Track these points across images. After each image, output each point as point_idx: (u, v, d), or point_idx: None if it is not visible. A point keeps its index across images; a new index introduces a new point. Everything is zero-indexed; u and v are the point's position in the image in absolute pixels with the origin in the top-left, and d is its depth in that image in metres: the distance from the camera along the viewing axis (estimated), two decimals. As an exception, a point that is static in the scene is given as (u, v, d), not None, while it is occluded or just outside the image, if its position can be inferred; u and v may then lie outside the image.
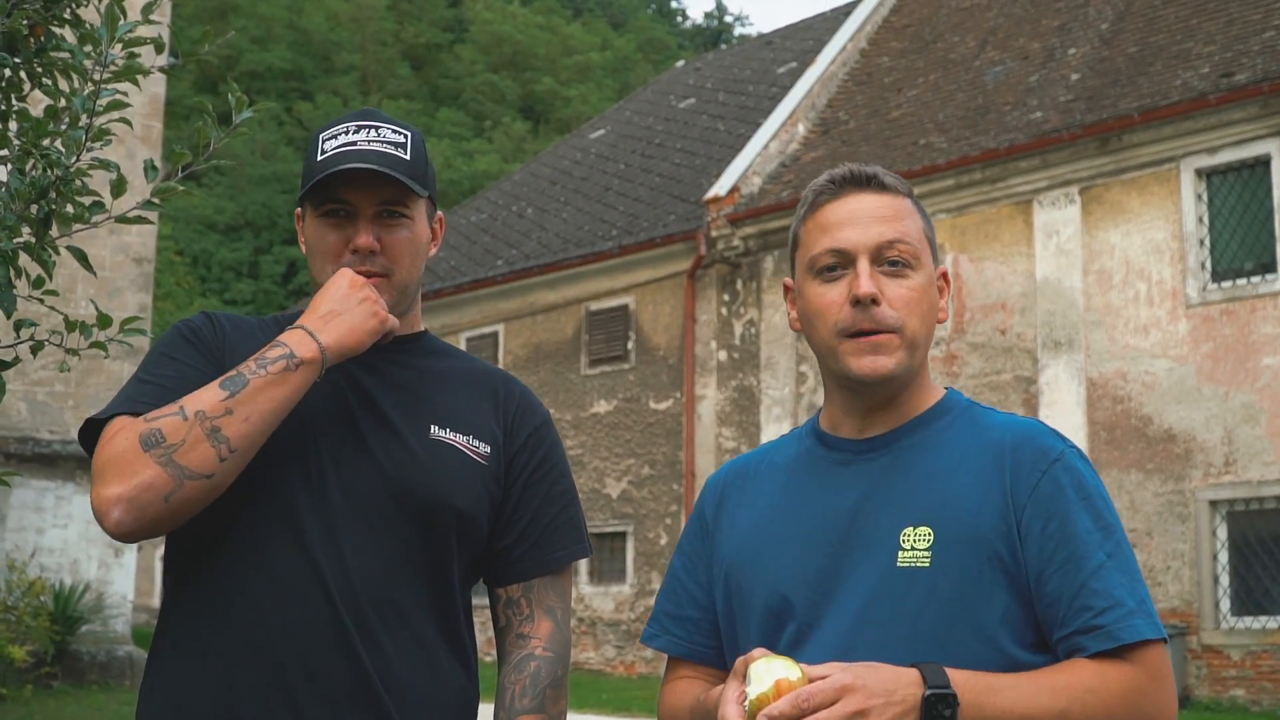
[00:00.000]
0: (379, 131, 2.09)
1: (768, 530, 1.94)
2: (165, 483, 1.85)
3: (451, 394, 2.13)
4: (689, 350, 19.75)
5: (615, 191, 23.53)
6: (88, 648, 14.52)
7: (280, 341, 1.96)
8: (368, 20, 58.03)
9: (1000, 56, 19.17)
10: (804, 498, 1.93)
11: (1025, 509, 1.78)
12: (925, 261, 1.88)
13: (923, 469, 1.86)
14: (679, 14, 77.52)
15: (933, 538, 1.78)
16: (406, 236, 2.10)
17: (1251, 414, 14.35)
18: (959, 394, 1.99)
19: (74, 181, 2.58)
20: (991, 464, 1.82)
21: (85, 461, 14.86)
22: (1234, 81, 14.84)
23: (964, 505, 1.80)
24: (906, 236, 1.86)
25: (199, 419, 1.88)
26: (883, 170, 1.92)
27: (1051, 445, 1.83)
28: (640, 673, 19.64)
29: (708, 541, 2.03)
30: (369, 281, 2.04)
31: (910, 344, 1.85)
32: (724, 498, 2.05)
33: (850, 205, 1.88)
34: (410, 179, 2.07)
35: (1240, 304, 14.62)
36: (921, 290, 1.87)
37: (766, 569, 1.90)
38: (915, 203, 1.94)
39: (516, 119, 57.78)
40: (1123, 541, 1.79)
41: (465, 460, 2.07)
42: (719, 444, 19.28)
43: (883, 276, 1.85)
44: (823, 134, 20.50)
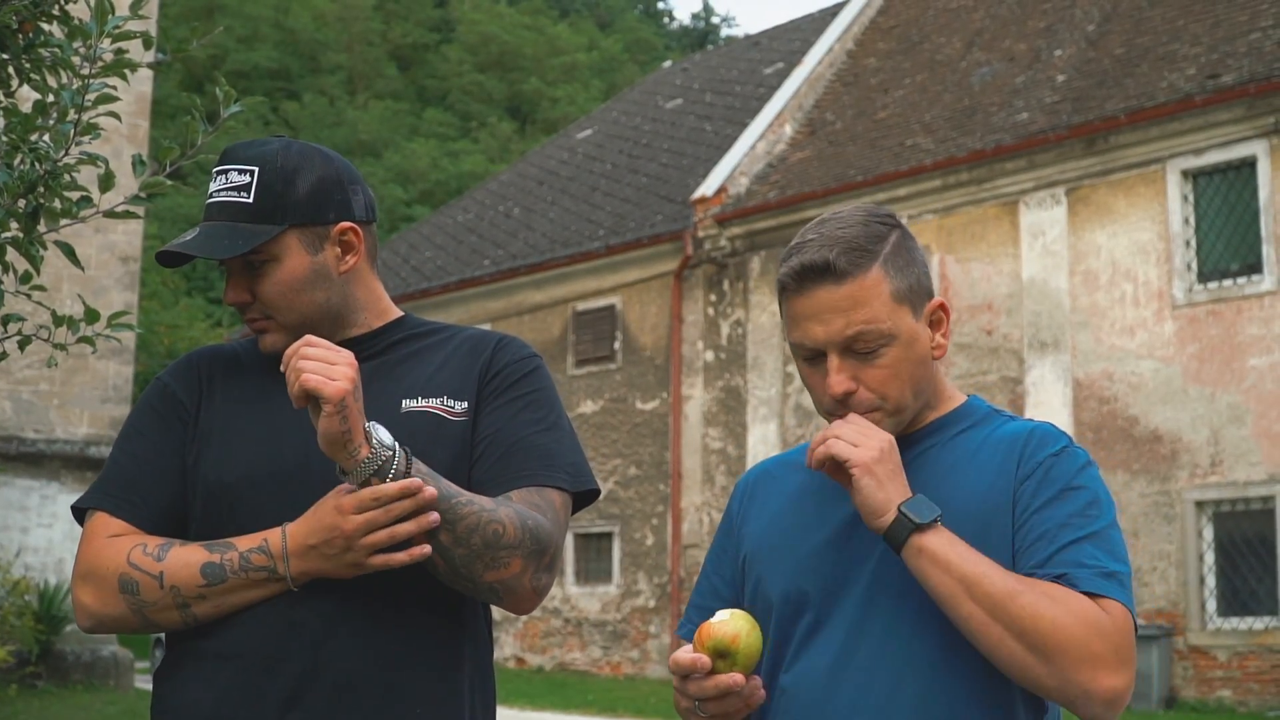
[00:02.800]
0: (227, 176, 2.09)
1: (787, 524, 2.00)
2: (132, 623, 2.00)
3: (423, 365, 2.12)
4: (676, 350, 19.75)
5: (602, 191, 23.52)
6: (72, 647, 14.47)
7: (267, 549, 1.95)
8: (354, 20, 57.91)
9: (987, 58, 19.20)
10: (824, 497, 1.97)
11: (1026, 480, 1.84)
12: (901, 326, 1.89)
13: (938, 468, 1.92)
14: (666, 15, 77.53)
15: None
16: (274, 280, 2.08)
17: (1237, 414, 14.39)
18: (980, 401, 2.03)
19: (62, 176, 2.56)
20: (1002, 459, 1.88)
21: (70, 461, 14.82)
22: (1220, 83, 14.88)
23: (974, 498, 1.85)
24: (870, 323, 1.86)
25: (173, 594, 1.96)
26: (843, 248, 1.88)
27: (1058, 438, 1.90)
28: (626, 673, 19.63)
29: (733, 537, 2.09)
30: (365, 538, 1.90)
31: (896, 410, 1.89)
32: (750, 495, 2.10)
33: (813, 300, 1.88)
34: (254, 223, 2.05)
35: (1226, 305, 14.66)
36: (900, 360, 1.89)
37: (785, 561, 1.96)
38: (886, 257, 1.90)
39: (503, 119, 57.70)
40: (1111, 529, 1.82)
41: (439, 421, 2.05)
42: (705, 444, 19.28)
43: (855, 362, 1.87)
44: (810, 134, 20.51)
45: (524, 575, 1.93)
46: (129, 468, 2.08)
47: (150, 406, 2.14)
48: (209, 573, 1.95)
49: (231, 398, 2.10)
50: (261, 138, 2.16)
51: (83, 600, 1.98)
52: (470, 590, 1.96)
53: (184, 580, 1.95)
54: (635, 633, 19.77)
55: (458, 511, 1.88)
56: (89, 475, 14.78)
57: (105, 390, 15.25)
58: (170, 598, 1.95)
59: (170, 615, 1.96)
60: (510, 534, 1.90)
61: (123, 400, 15.32)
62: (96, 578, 1.97)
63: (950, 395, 2.02)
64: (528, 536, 1.92)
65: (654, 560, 19.70)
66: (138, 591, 1.95)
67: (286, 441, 2.02)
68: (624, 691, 17.22)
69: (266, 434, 2.04)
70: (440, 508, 1.86)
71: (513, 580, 1.92)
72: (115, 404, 15.25)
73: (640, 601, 19.76)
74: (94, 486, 2.10)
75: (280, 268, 2.07)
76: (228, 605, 1.95)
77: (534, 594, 1.98)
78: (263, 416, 2.06)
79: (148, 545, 1.99)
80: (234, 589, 1.95)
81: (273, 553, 1.94)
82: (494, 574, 1.91)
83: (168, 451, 2.07)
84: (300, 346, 1.84)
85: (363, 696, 1.94)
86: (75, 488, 14.70)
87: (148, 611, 1.95)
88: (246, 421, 2.06)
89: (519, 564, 1.92)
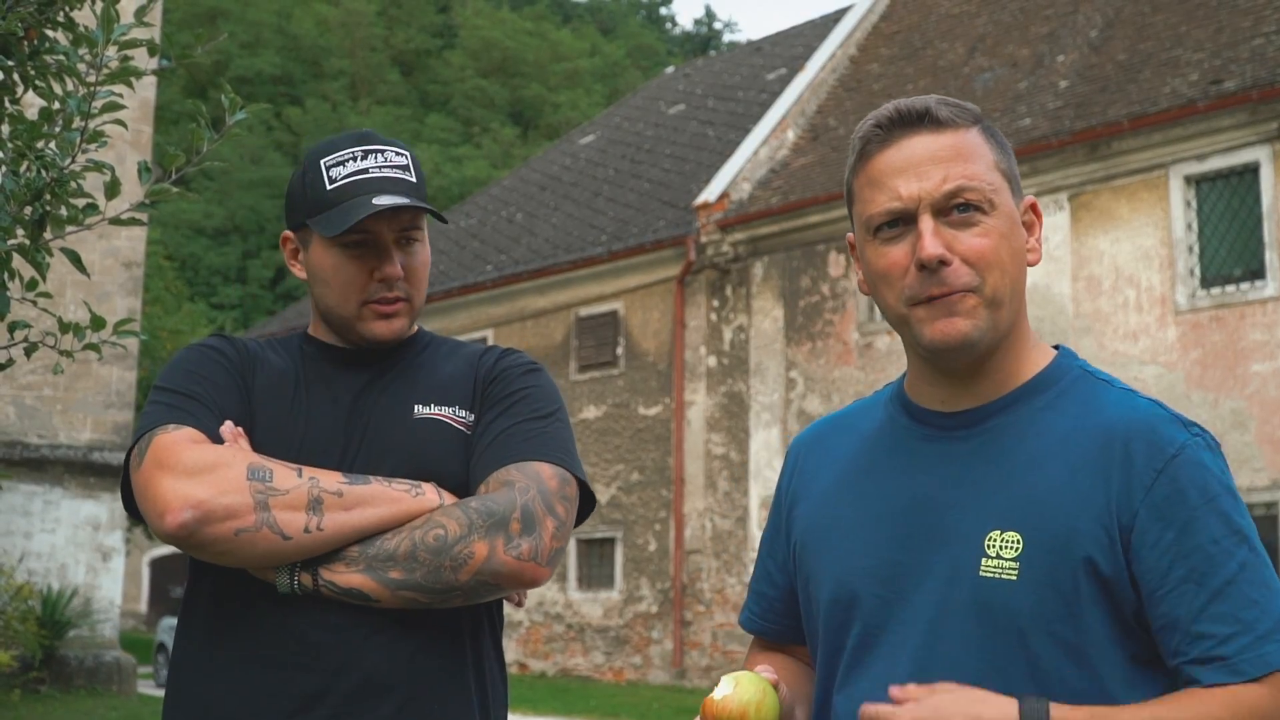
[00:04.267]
0: (385, 155, 2.11)
1: (837, 508, 1.76)
2: (248, 518, 1.86)
3: (436, 375, 2.15)
4: (678, 356, 19.75)
5: (605, 197, 23.53)
6: (75, 652, 14.47)
7: (416, 484, 1.97)
8: (357, 26, 58.00)
9: (989, 63, 19.20)
10: (880, 475, 1.73)
11: (1138, 515, 1.56)
12: (1003, 200, 1.64)
13: (1017, 458, 1.63)
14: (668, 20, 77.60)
15: (1021, 546, 1.58)
16: (423, 259, 2.14)
17: (1240, 420, 14.38)
18: (1072, 356, 1.74)
19: (69, 183, 2.57)
20: (1097, 456, 1.59)
21: (74, 466, 14.83)
22: (1223, 89, 14.88)
23: (1059, 508, 1.58)
24: (974, 179, 1.62)
25: (311, 485, 1.89)
26: (938, 100, 1.68)
27: (1171, 436, 1.60)
28: (629, 679, 19.62)
29: (781, 516, 1.87)
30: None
31: (992, 301, 1.61)
32: (798, 468, 1.86)
33: (904, 151, 1.64)
34: (422, 201, 2.10)
35: (1229, 310, 14.65)
36: (1001, 237, 1.62)
37: (833, 555, 1.73)
38: (985, 129, 1.69)
39: (505, 124, 57.78)
40: (1257, 547, 1.57)
41: (451, 431, 2.07)
42: (708, 450, 19.28)
43: (950, 230, 1.61)
44: (812, 140, 20.52)
45: (495, 553, 1.89)
46: (199, 403, 2.00)
47: (214, 361, 2.08)
48: (350, 476, 1.94)
49: (267, 385, 2.10)
50: (355, 130, 2.20)
51: (188, 491, 1.84)
52: (465, 598, 1.93)
53: (324, 475, 1.91)
54: (638, 638, 19.76)
55: (386, 549, 1.89)
56: (92, 480, 14.80)
57: (109, 395, 15.26)
58: (307, 489, 1.87)
59: (294, 517, 1.86)
60: (454, 528, 1.90)
61: (126, 405, 15.33)
62: (214, 466, 1.87)
63: (1038, 347, 1.72)
64: (476, 517, 1.90)
65: (656, 566, 19.69)
66: (270, 479, 1.87)
67: (313, 435, 2.04)
68: (626, 697, 17.21)
69: (296, 424, 2.05)
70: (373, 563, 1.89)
71: (488, 565, 1.89)
72: (119, 409, 15.26)
73: (643, 607, 19.74)
74: (158, 414, 1.98)
75: (424, 248, 2.14)
76: (355, 521, 1.89)
77: (520, 563, 1.90)
78: (293, 405, 2.08)
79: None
80: (373, 498, 1.90)
81: (420, 484, 1.96)
82: (466, 570, 1.89)
83: (232, 399, 2.04)
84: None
85: (381, 701, 1.94)
86: (78, 493, 14.72)
87: (273, 502, 1.85)
88: (279, 408, 2.07)
89: (482, 547, 1.89)
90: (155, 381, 2.07)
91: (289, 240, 2.19)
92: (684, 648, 19.01)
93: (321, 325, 2.19)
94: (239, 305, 49.60)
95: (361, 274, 2.08)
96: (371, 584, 1.89)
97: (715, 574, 18.81)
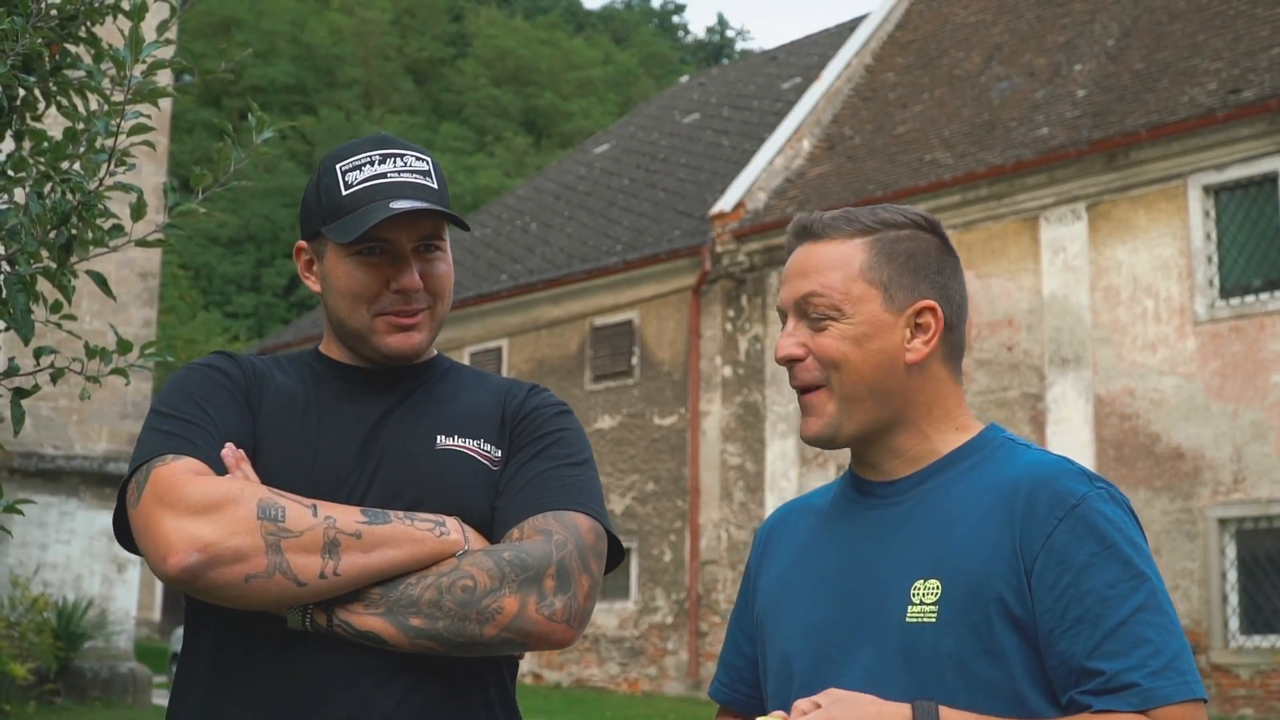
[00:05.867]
0: (404, 160, 2.00)
1: (790, 579, 1.88)
2: (259, 563, 1.75)
3: (459, 404, 2.04)
4: (694, 366, 19.70)
5: (620, 206, 23.51)
6: (90, 664, 14.45)
7: (441, 520, 1.87)
8: (370, 35, 58.11)
9: (1006, 72, 19.14)
10: (826, 544, 1.86)
11: (1036, 560, 1.66)
12: (861, 307, 1.78)
13: (938, 515, 1.76)
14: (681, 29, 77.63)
15: (940, 591, 1.69)
16: (444, 270, 2.03)
17: (1260, 431, 14.29)
18: (999, 430, 1.86)
19: (96, 206, 2.53)
20: (1005, 506, 1.70)
21: (89, 477, 14.82)
22: (1242, 98, 14.80)
23: (972, 555, 1.69)
24: (824, 288, 1.78)
25: (327, 525, 1.79)
26: (837, 214, 1.84)
27: (1070, 489, 1.69)
28: (644, 690, 19.56)
29: (748, 592, 1.99)
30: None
31: (845, 397, 1.78)
32: (767, 545, 1.99)
33: (791, 259, 1.85)
34: (444, 208, 1.99)
35: (1249, 321, 14.57)
36: (849, 339, 1.77)
37: (782, 622, 1.85)
38: (875, 241, 1.81)
39: (518, 133, 57.84)
40: (1158, 590, 1.65)
41: (475, 465, 1.97)
42: (724, 460, 19.22)
43: (808, 331, 1.79)
44: (828, 149, 20.48)
45: (525, 611, 1.79)
46: (203, 429, 1.89)
47: (217, 383, 1.97)
48: (370, 513, 1.82)
49: (275, 408, 1.99)
50: (373, 134, 2.09)
51: (194, 531, 1.72)
52: (486, 652, 1.84)
53: (341, 513, 1.80)
54: (653, 649, 19.70)
55: (409, 595, 1.79)
56: (108, 491, 14.79)
57: (124, 406, 15.25)
58: (322, 529, 1.76)
59: (309, 561, 1.75)
60: (483, 580, 1.79)
61: (141, 416, 15.32)
62: (221, 503, 1.75)
63: (965, 425, 1.84)
64: (508, 569, 1.80)
65: (672, 576, 19.64)
66: (282, 518, 1.76)
67: (324, 463, 1.93)
68: (641, 708, 17.15)
69: (306, 452, 1.94)
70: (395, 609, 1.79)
71: (516, 622, 1.79)
72: (134, 420, 15.25)
73: (658, 618, 19.69)
74: (154, 444, 1.86)
75: (445, 258, 2.04)
76: (374, 564, 1.79)
77: (551, 623, 1.81)
78: (303, 432, 1.97)
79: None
80: (394, 539, 1.80)
81: (445, 522, 1.86)
82: (493, 625, 1.79)
83: (236, 425, 1.92)
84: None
85: None
86: (94, 504, 14.71)
87: (287, 546, 1.74)
88: (287, 435, 1.96)
89: (513, 602, 1.79)
90: (152, 404, 1.97)
91: (303, 250, 2.08)
92: (699, 659, 18.95)
93: (335, 342, 2.07)
94: (253, 314, 49.68)
95: (376, 284, 1.97)
96: (390, 629, 1.79)
97: (731, 585, 18.75)
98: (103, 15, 3.14)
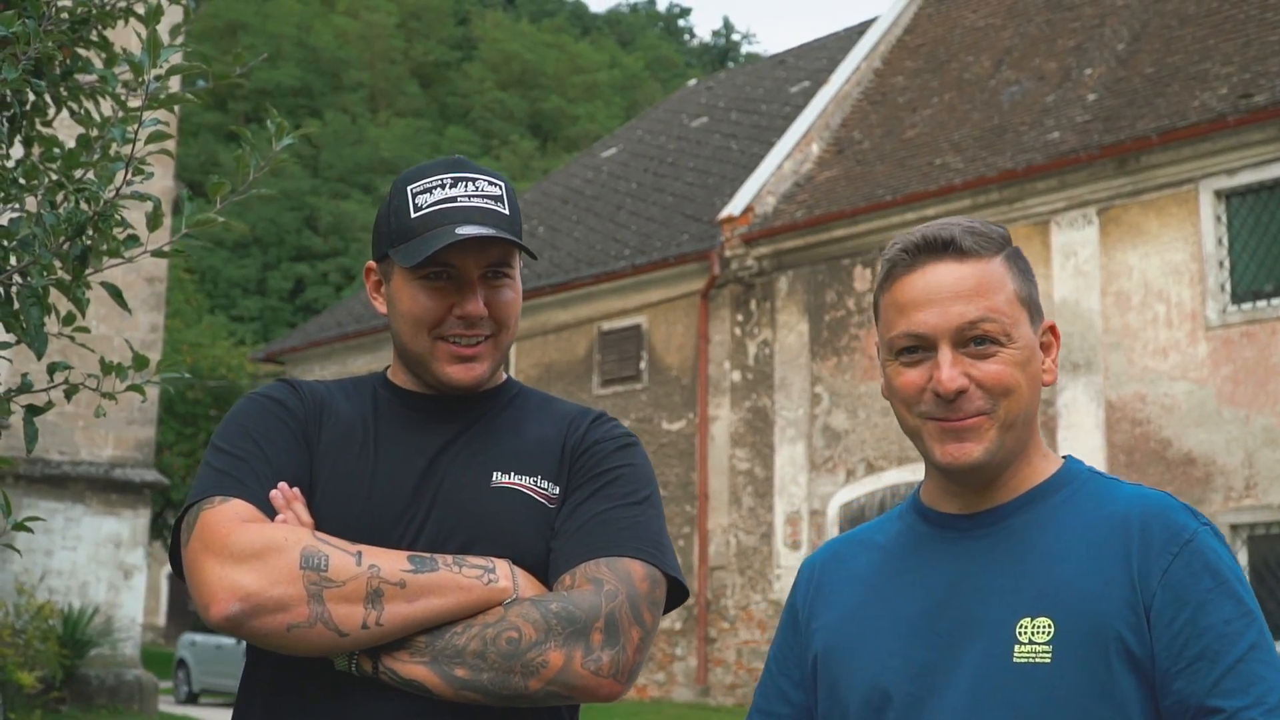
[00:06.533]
0: (476, 184, 1.98)
1: (864, 616, 1.79)
2: (301, 613, 1.74)
3: (519, 438, 1.99)
4: (702, 371, 19.63)
5: (628, 210, 23.44)
6: (97, 671, 14.39)
7: (490, 565, 1.83)
8: (376, 38, 58.12)
9: (1016, 76, 19.06)
10: (904, 580, 1.78)
11: (1155, 596, 1.61)
12: (1021, 332, 1.70)
13: (1039, 550, 1.68)
14: (687, 32, 77.66)
15: (1054, 630, 1.62)
16: (511, 298, 1.99)
17: (1272, 437, 14.20)
18: (1079, 463, 1.80)
19: (112, 217, 2.46)
20: (1116, 543, 1.65)
21: (95, 483, 14.75)
22: (1253, 103, 14.72)
23: (1086, 591, 1.63)
24: (993, 312, 1.67)
25: (371, 573, 1.76)
26: (965, 228, 1.72)
27: (1184, 524, 1.64)
28: (652, 696, 19.48)
29: (799, 633, 1.88)
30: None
31: (1005, 425, 1.69)
32: (818, 585, 1.89)
33: (927, 279, 1.69)
34: (514, 235, 1.96)
35: (1260, 326, 14.49)
36: (1017, 365, 1.68)
37: (863, 660, 1.76)
38: (1010, 256, 1.73)
39: (524, 137, 57.82)
40: (1264, 628, 1.63)
41: (531, 504, 1.92)
42: (732, 465, 19.15)
43: (968, 359, 1.68)
44: (837, 153, 20.40)
45: (571, 665, 1.76)
46: (259, 461, 1.88)
47: (268, 412, 1.95)
48: (417, 559, 1.79)
49: (334, 439, 1.96)
50: (448, 157, 2.07)
51: (237, 580, 1.72)
52: (532, 704, 1.80)
53: (386, 560, 1.77)
54: (661, 655, 19.62)
55: (455, 644, 1.76)
56: (114, 498, 14.73)
57: (130, 412, 15.18)
58: (366, 578, 1.74)
59: (351, 611, 1.73)
60: (529, 632, 1.76)
61: (148, 422, 15.26)
62: (264, 552, 1.74)
63: (1046, 454, 1.78)
64: (555, 621, 1.76)
65: (679, 582, 19.54)
66: (325, 567, 1.74)
67: (380, 499, 1.90)
68: (650, 715, 17.08)
69: (361, 488, 1.91)
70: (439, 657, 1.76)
71: (561, 676, 1.76)
72: (141, 425, 15.19)
73: (666, 624, 19.61)
74: (211, 483, 1.86)
75: (514, 285, 2.00)
76: (418, 614, 1.76)
77: (597, 678, 1.77)
78: (359, 466, 1.93)
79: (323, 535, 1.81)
80: (439, 587, 1.76)
81: (495, 567, 1.82)
82: (538, 680, 1.75)
83: (294, 464, 1.90)
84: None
85: None
86: (100, 510, 14.64)
87: (329, 596, 1.72)
88: (343, 470, 1.93)
89: (558, 656, 1.75)
90: (212, 438, 1.95)
91: (372, 271, 2.06)
92: (708, 665, 18.87)
93: (401, 368, 2.04)
94: (258, 318, 49.67)
95: (440, 309, 1.94)
96: (434, 678, 1.76)
97: (740, 590, 18.67)
98: (115, 19, 3.08)
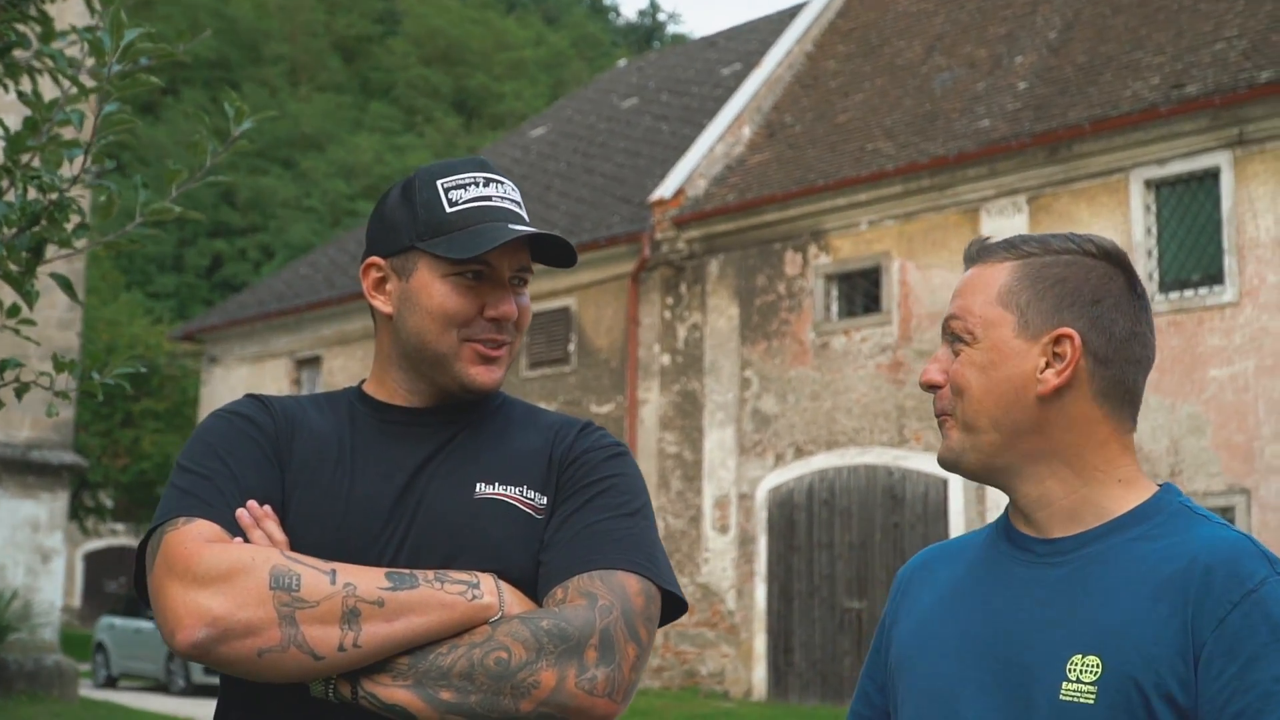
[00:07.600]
0: (503, 187, 1.93)
1: (928, 630, 1.77)
2: (272, 637, 1.63)
3: (505, 447, 1.89)
4: (631, 353, 19.53)
5: (557, 191, 23.26)
6: (15, 656, 14.05)
7: (474, 580, 1.73)
8: (297, 10, 57.26)
9: (948, 63, 19.10)
10: (973, 598, 1.74)
11: (1205, 645, 1.54)
12: (991, 333, 1.69)
13: (1104, 584, 1.63)
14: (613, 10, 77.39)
15: (1100, 670, 1.57)
16: (527, 304, 1.93)
17: (1198, 425, 14.37)
18: (1176, 493, 1.73)
19: (69, 206, 2.30)
20: (1177, 585, 1.58)
21: (12, 465, 14.37)
22: (1184, 93, 14.85)
23: (1140, 635, 1.57)
24: (961, 311, 1.72)
25: (346, 592, 1.66)
26: (1011, 238, 1.76)
27: (1251, 571, 1.57)
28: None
29: (884, 637, 1.88)
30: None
31: (966, 426, 1.69)
32: (905, 591, 1.88)
33: (959, 282, 1.80)
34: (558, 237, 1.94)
35: (1187, 315, 14.64)
36: (974, 365, 1.69)
37: (921, 672, 1.75)
38: (1025, 268, 1.72)
39: (449, 114, 57.31)
40: None
41: (517, 514, 1.83)
42: (661, 449, 19.09)
43: (950, 356, 1.72)
44: (768, 137, 20.35)
45: (564, 684, 1.66)
46: (225, 480, 1.77)
47: (242, 433, 1.83)
48: (395, 576, 1.68)
49: (306, 456, 1.85)
50: (470, 156, 2.01)
51: (202, 603, 1.62)
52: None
53: (362, 578, 1.67)
54: (588, 639, 19.56)
55: (439, 665, 1.65)
56: (30, 480, 14.36)
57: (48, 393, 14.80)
58: (341, 597, 1.64)
59: (326, 633, 1.63)
60: (519, 652, 1.66)
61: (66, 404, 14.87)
62: (231, 573, 1.64)
63: (1132, 480, 1.70)
64: (546, 640, 1.67)
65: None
66: (297, 587, 1.64)
67: (356, 517, 1.80)
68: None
69: (336, 506, 1.81)
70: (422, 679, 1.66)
71: (554, 697, 1.66)
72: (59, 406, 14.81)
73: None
74: (175, 504, 1.75)
75: (526, 293, 1.96)
76: (399, 634, 1.65)
77: (591, 698, 1.68)
78: (334, 484, 1.83)
79: (295, 554, 1.70)
80: (420, 605, 1.66)
81: (479, 582, 1.71)
82: (529, 700, 1.65)
83: (265, 483, 1.79)
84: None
85: None
86: (17, 493, 14.27)
87: (302, 617, 1.62)
88: (317, 488, 1.82)
89: (550, 676, 1.66)
90: (178, 458, 1.82)
91: (376, 267, 1.92)
92: (635, 649, 18.81)
93: (387, 379, 1.92)
94: (175, 294, 48.89)
95: (472, 308, 1.86)
96: (418, 702, 1.64)
97: (667, 575, 18.62)
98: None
